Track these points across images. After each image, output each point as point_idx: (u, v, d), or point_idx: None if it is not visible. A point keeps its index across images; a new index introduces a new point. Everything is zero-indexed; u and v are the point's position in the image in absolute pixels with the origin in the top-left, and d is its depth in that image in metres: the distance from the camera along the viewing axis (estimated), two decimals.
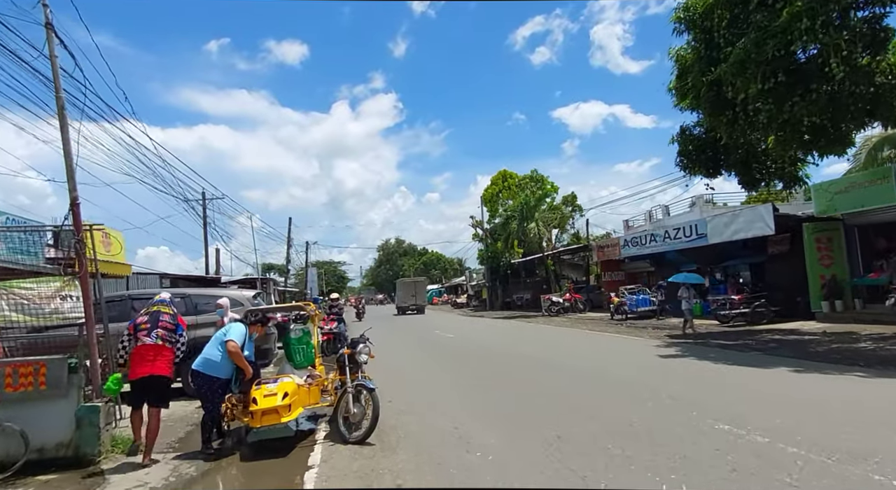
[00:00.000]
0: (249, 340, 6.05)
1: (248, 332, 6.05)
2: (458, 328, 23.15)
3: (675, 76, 13.49)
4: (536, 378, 8.95)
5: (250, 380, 6.00)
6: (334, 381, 6.72)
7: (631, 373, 8.94)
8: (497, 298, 42.59)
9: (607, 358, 11.12)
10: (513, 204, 34.43)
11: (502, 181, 44.23)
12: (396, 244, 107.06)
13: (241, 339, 5.76)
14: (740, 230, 18.01)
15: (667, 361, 10.21)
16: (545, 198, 32.79)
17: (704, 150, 15.07)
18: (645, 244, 23.83)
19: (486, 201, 44.51)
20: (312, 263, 59.02)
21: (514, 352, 12.94)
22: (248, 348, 5.98)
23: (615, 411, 6.26)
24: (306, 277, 46.55)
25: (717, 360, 9.90)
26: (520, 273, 42.98)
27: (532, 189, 36.32)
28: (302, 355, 7.00)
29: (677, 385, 7.65)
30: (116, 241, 17.25)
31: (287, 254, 40.69)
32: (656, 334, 15.41)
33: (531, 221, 30.78)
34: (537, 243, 32.77)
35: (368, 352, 6.45)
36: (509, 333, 19.03)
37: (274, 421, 5.58)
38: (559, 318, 25.55)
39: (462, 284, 64.83)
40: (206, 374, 5.65)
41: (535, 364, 10.76)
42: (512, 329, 21.34)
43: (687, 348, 11.86)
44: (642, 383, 7.86)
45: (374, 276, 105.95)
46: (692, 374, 8.65)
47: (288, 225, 40.43)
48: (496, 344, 15.09)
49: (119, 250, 17.27)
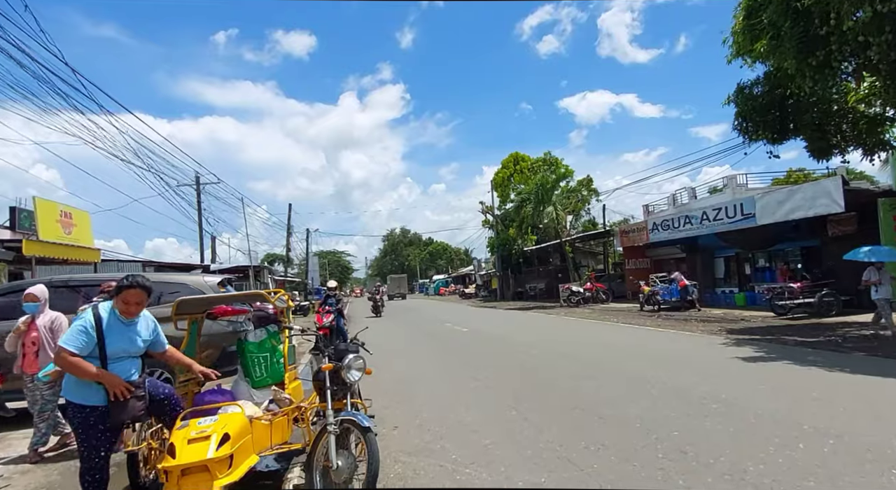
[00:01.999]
0: (127, 326, 3.55)
1: (111, 314, 3.51)
2: (470, 321, 20.87)
3: (743, 16, 11.04)
4: (590, 391, 6.65)
5: (171, 410, 3.78)
6: (312, 408, 4.47)
7: (719, 386, 6.63)
8: (509, 288, 40.31)
9: (669, 361, 8.81)
10: (527, 187, 31.97)
11: (514, 164, 41.71)
12: (402, 234, 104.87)
13: (79, 339, 3.32)
14: (798, 208, 15.57)
15: (753, 367, 7.88)
16: (562, 180, 30.28)
17: (769, 111, 12.64)
18: (678, 227, 21.43)
19: (496, 186, 42.05)
20: (316, 253, 56.89)
21: (548, 351, 10.65)
22: (126, 339, 3.51)
23: (742, 452, 3.98)
24: (307, 267, 44.24)
25: (820, 365, 7.59)
26: (532, 261, 40.71)
27: (545, 172, 33.81)
28: (263, 369, 4.73)
29: (800, 406, 5.36)
30: (81, 222, 15.07)
31: (287, 241, 38.55)
32: (709, 328, 13.07)
33: (548, 205, 28.32)
34: (554, 229, 30.41)
35: (362, 366, 4.18)
36: (531, 327, 16.75)
37: (202, 486, 3.34)
38: (581, 310, 23.25)
39: (470, 274, 62.56)
40: (73, 401, 3.41)
41: (580, 369, 8.45)
42: (532, 322, 19.06)
43: (764, 347, 9.53)
44: (745, 403, 5.56)
45: (380, 266, 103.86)
46: (803, 387, 6.34)
47: (288, 211, 38.23)
48: (520, 340, 12.80)
49: (83, 233, 15.10)
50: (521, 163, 41.17)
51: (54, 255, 12.85)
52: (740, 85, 13.25)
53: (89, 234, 15.00)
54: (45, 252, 12.37)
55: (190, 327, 4.94)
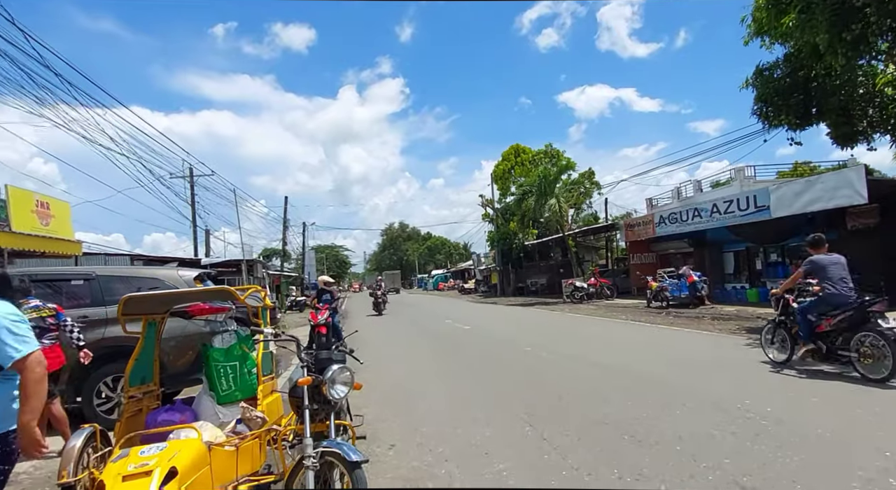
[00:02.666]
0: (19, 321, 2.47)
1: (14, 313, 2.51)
2: (471, 317, 20.09)
3: None
4: (614, 402, 5.88)
5: None
6: (289, 430, 3.69)
7: (760, 397, 5.86)
8: (509, 283, 39.54)
9: (694, 366, 8.04)
10: (528, 178, 31.14)
11: (515, 156, 40.92)
12: (400, 228, 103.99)
13: None
14: (818, 200, 14.77)
15: (793, 375, 7.12)
16: (565, 172, 29.44)
17: (791, 94, 11.83)
18: (686, 220, 20.64)
19: (496, 178, 41.24)
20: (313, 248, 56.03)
21: (558, 352, 9.88)
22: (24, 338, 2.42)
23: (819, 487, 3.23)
24: (303, 261, 43.39)
25: None
26: (533, 256, 39.94)
27: (547, 164, 33.00)
28: (231, 381, 3.95)
29: (864, 425, 4.60)
30: (60, 213, 14.23)
31: (283, 235, 37.73)
32: (726, 327, 12.30)
33: (551, 197, 27.48)
34: (556, 222, 29.61)
35: (349, 380, 3.39)
36: (536, 325, 15.99)
37: None
38: (586, 306, 22.49)
39: (469, 269, 61.80)
40: None
41: (598, 375, 7.69)
42: (536, 319, 18.30)
43: None
44: (798, 419, 4.80)
45: (378, 261, 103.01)
46: (859, 400, 5.58)
47: (284, 204, 37.40)
48: (526, 340, 12.03)
49: (62, 224, 14.26)
50: (522, 155, 40.38)
51: (31, 248, 12.03)
52: (759, 67, 12.44)
53: (68, 226, 14.14)
54: (19, 244, 11.55)
55: (146, 330, 4.14)
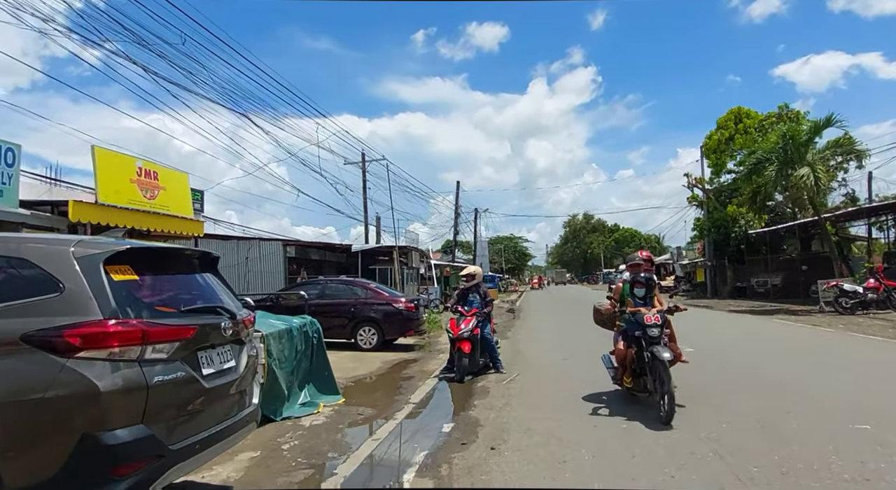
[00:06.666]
0: None
1: None
2: (689, 332, 14.09)
3: None
4: None
5: None
6: None
7: None
8: (725, 282, 31.36)
9: None
10: (764, 142, 23.26)
11: (735, 124, 32.29)
12: (584, 220, 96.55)
13: None
14: None
15: None
16: (820, 131, 20.95)
17: None
18: None
19: (708, 153, 33.10)
20: (491, 239, 53.21)
21: None
22: None
23: None
24: (474, 251, 40.22)
25: None
26: (759, 249, 31.09)
27: (790, 125, 24.39)
28: None
29: None
30: (173, 186, 12.42)
31: (455, 223, 35.06)
32: None
33: (800, 165, 19.55)
34: (808, 201, 21.39)
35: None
36: (815, 354, 9.77)
37: None
38: (866, 320, 14.91)
39: (666, 264, 52.79)
40: None
41: None
42: (804, 341, 11.81)
43: None
44: None
45: (560, 254, 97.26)
46: None
47: (455, 190, 34.68)
48: (828, 394, 6.29)
49: (177, 199, 12.44)
50: (746, 120, 31.65)
51: (122, 224, 9.99)
52: None
53: (187, 202, 12.12)
54: (104, 218, 9.52)
55: None
